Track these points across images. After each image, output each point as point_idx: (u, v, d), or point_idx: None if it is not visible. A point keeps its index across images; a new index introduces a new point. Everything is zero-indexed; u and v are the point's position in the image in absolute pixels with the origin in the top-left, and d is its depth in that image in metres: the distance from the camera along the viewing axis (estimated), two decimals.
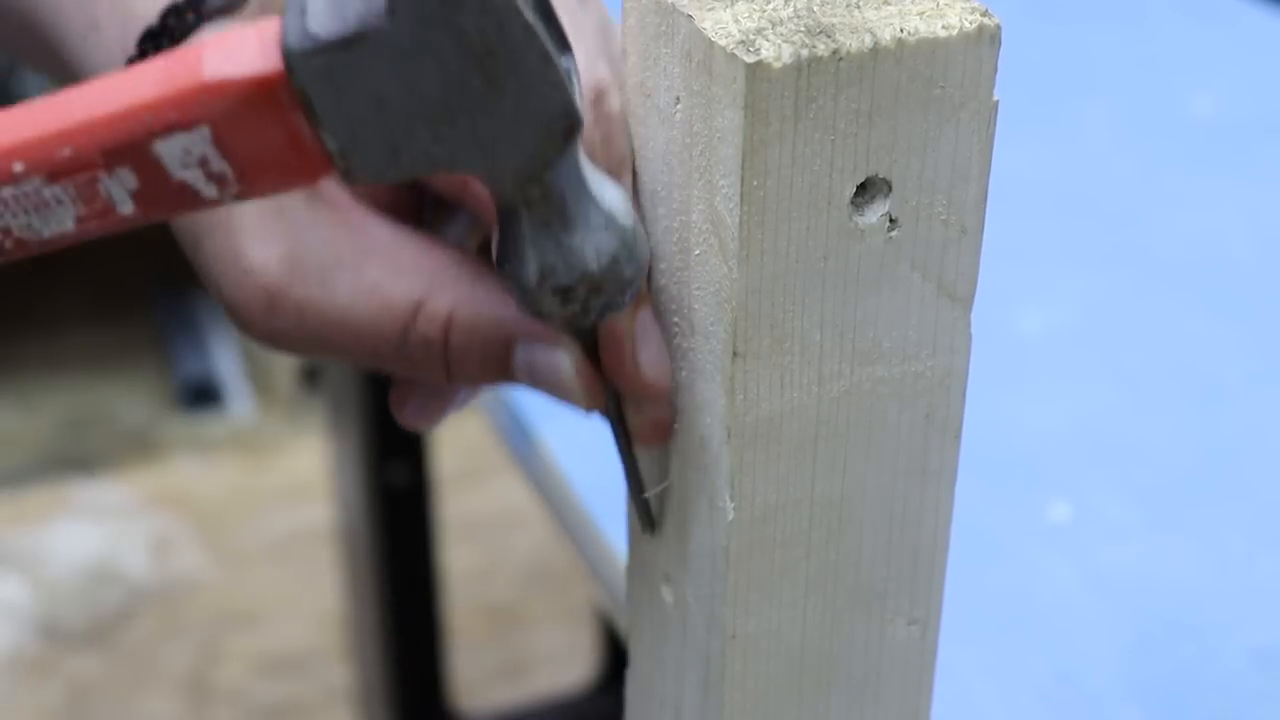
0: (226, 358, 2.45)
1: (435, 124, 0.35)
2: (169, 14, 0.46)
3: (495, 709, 1.71)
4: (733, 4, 0.38)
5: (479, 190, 0.41)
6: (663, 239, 0.41)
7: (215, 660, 1.87)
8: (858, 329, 0.40)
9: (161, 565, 2.01)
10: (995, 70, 0.38)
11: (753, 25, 0.37)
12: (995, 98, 0.38)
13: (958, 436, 0.43)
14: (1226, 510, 0.71)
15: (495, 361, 0.41)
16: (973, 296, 0.41)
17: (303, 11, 0.35)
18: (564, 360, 0.41)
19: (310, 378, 2.31)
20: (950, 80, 0.37)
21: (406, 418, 0.46)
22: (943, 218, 0.39)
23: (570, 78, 0.36)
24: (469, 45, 0.34)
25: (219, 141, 0.35)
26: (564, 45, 0.36)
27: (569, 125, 0.36)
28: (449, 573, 1.66)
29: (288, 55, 0.35)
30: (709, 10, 0.38)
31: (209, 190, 0.36)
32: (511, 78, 0.35)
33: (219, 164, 0.36)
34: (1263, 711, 0.61)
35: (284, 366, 2.36)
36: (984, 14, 0.38)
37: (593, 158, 0.40)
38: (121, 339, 2.50)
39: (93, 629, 1.91)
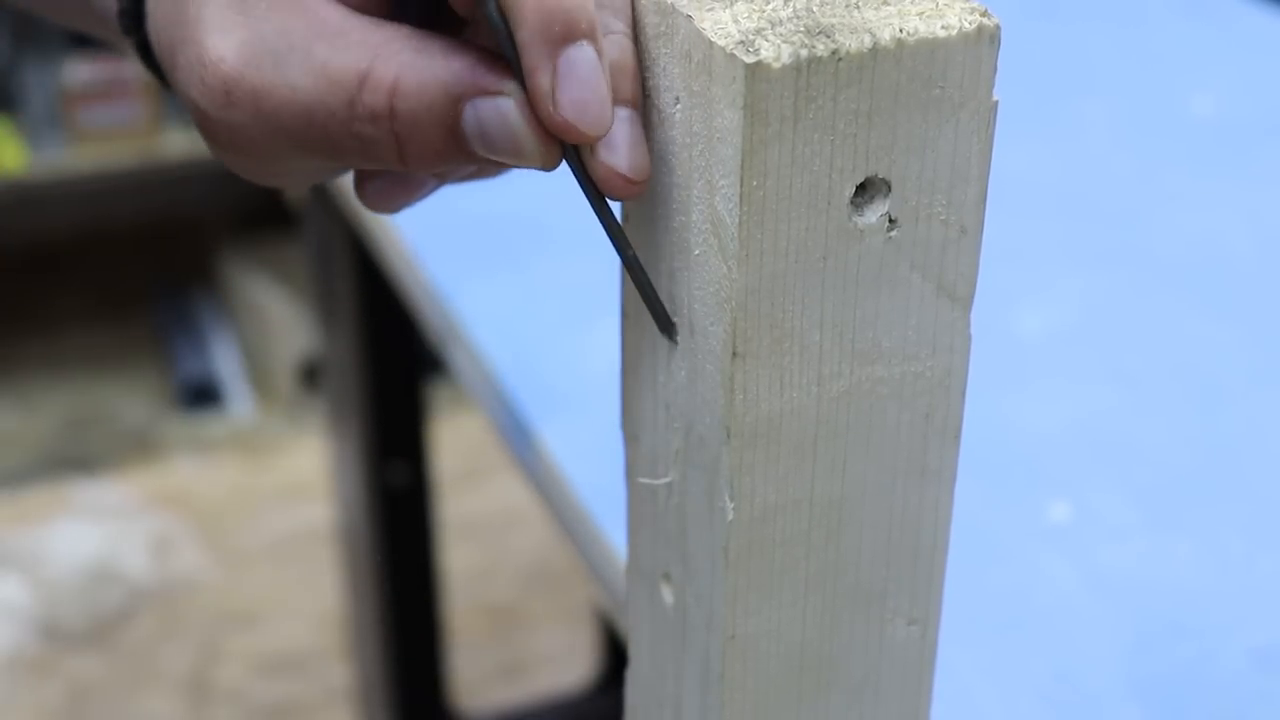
0: (226, 358, 2.45)
1: None
2: None
3: (495, 709, 1.71)
4: (732, 4, 0.38)
5: None
6: (662, 239, 0.41)
7: (215, 660, 1.87)
8: (857, 329, 0.40)
9: (161, 565, 2.01)
10: (995, 70, 0.38)
11: (752, 25, 0.37)
12: (995, 98, 0.38)
13: (957, 436, 0.43)
14: (1226, 510, 0.71)
15: (446, 129, 0.41)
16: (972, 296, 0.41)
17: None
18: (508, 105, 0.40)
19: (310, 377, 2.31)
20: (950, 80, 0.37)
21: (368, 197, 0.47)
22: (942, 218, 0.39)
23: None
24: None
25: None
26: None
27: None
28: (449, 573, 1.66)
29: None
30: (708, 10, 0.38)
31: None
32: None
33: None
34: (1263, 711, 0.61)
35: (284, 366, 2.36)
36: (983, 14, 0.38)
37: None
38: (121, 339, 2.50)
39: (93, 629, 1.91)
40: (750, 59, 0.36)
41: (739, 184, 0.37)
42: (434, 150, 0.41)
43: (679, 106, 0.39)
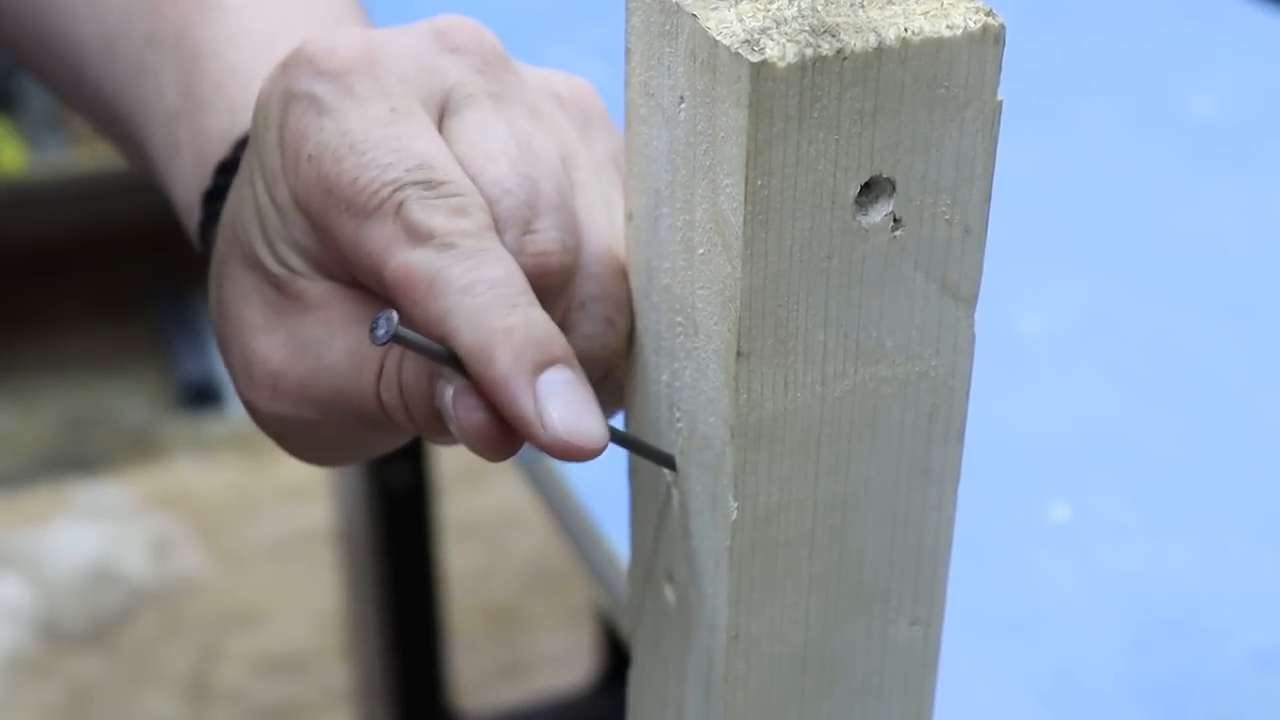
0: None
1: None
2: (240, 146, 0.47)
3: (495, 709, 1.71)
4: (737, 3, 0.38)
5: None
6: (666, 238, 0.42)
7: (215, 660, 1.87)
8: (861, 329, 0.40)
9: (161, 565, 2.01)
10: (999, 70, 0.38)
11: (757, 24, 0.37)
12: (999, 97, 0.38)
13: (961, 437, 0.43)
14: (1226, 510, 0.71)
15: (430, 403, 0.42)
16: (976, 296, 0.41)
17: None
18: (446, 390, 0.40)
19: None
20: (954, 80, 0.37)
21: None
22: (946, 218, 0.39)
23: None
24: None
25: None
26: None
27: None
28: (449, 573, 1.66)
29: None
30: (713, 9, 0.38)
31: None
32: None
33: None
34: (1263, 711, 0.61)
35: None
36: (988, 14, 0.38)
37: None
38: (121, 339, 2.50)
39: (93, 629, 1.91)
40: (755, 58, 0.36)
41: (744, 183, 0.37)
42: (429, 421, 0.42)
43: (683, 106, 0.39)
